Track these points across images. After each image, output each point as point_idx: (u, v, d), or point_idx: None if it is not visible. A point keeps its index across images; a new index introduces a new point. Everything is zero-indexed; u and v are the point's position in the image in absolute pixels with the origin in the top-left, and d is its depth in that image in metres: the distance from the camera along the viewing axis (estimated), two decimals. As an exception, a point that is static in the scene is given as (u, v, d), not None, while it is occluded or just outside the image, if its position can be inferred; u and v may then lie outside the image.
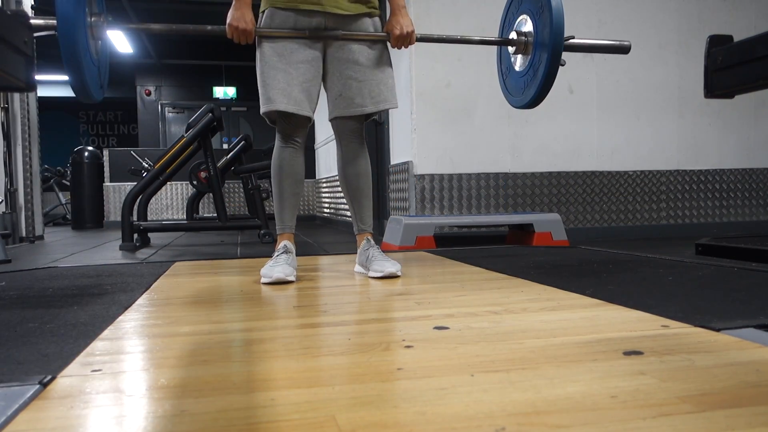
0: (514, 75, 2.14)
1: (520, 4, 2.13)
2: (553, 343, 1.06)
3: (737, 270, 1.93)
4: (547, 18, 1.93)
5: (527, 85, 2.04)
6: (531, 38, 2.04)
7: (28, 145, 4.89)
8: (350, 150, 2.10)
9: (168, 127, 11.04)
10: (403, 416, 0.72)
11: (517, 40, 2.08)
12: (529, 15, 2.06)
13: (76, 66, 1.58)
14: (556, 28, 1.89)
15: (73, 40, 1.56)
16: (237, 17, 1.86)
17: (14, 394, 0.81)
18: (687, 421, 0.69)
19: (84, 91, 1.65)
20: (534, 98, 2.01)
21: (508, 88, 2.22)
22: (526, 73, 2.05)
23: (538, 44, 1.99)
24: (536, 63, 1.99)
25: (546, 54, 1.93)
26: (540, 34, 1.98)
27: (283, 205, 2.07)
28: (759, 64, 1.96)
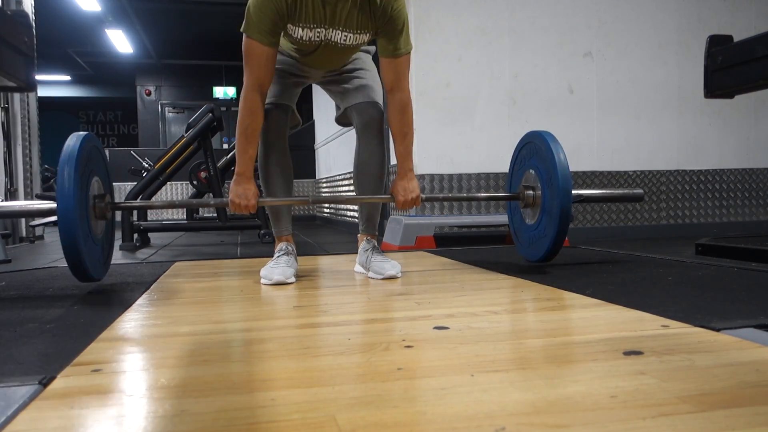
0: (525, 228, 2.12)
1: (527, 159, 2.11)
2: (553, 343, 1.06)
3: (737, 270, 1.92)
4: (554, 179, 1.90)
5: (538, 240, 2.02)
6: (539, 200, 2.01)
7: (28, 145, 4.89)
8: (367, 145, 2.06)
9: (168, 127, 11.04)
10: (403, 416, 0.72)
11: (525, 195, 2.06)
12: (535, 171, 2.04)
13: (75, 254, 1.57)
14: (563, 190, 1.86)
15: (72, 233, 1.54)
16: (240, 194, 1.86)
17: (14, 394, 0.81)
18: (687, 421, 0.69)
19: (84, 274, 1.64)
20: (546, 254, 1.98)
21: (519, 238, 2.20)
22: (536, 229, 2.03)
23: (545, 211, 1.97)
24: (545, 223, 1.97)
25: (554, 216, 1.90)
26: (548, 203, 1.95)
27: (277, 208, 2.07)
28: (759, 64, 1.96)
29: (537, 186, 2.03)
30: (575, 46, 4.14)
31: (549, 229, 1.93)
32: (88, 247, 1.64)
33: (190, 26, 9.57)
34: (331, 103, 2.44)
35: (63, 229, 1.53)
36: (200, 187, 4.95)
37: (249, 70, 1.80)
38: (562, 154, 1.92)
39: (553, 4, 4.09)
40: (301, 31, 1.79)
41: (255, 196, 1.87)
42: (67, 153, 1.59)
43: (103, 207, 1.77)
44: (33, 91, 2.16)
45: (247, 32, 1.76)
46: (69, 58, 11.01)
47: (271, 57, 1.79)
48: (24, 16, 1.68)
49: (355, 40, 1.84)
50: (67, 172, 1.56)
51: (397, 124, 1.95)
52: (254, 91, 1.81)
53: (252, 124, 1.85)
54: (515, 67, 4.04)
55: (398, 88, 1.90)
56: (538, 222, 2.02)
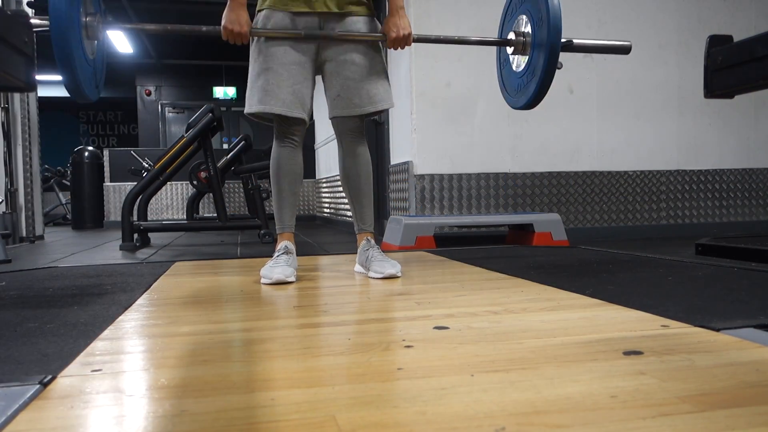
0: (513, 75, 2.14)
1: (519, 5, 2.13)
2: (553, 343, 1.06)
3: (737, 270, 1.93)
4: (544, 18, 1.92)
5: (526, 85, 2.04)
6: (529, 38, 2.04)
7: (28, 145, 4.89)
8: (351, 149, 2.10)
9: (168, 127, 11.04)
10: (403, 416, 0.72)
11: (515, 41, 2.08)
12: (527, 15, 2.06)
13: (68, 65, 1.57)
14: (553, 27, 1.89)
15: (65, 39, 1.54)
16: (231, 19, 1.86)
17: (14, 394, 0.81)
18: (687, 421, 0.69)
19: (77, 90, 1.64)
20: (532, 98, 2.00)
21: (507, 88, 2.22)
22: (525, 74, 2.04)
23: (535, 44, 1.99)
24: (534, 63, 1.99)
25: (543, 54, 1.92)
26: (537, 34, 1.98)
27: (282, 205, 2.07)
28: (759, 64, 1.96)
29: (527, 33, 2.04)
30: (575, 46, 4.13)
31: (537, 69, 1.95)
32: (81, 63, 1.64)
33: (190, 26, 9.57)
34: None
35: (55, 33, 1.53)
36: (200, 187, 4.95)
37: None
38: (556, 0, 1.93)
39: (553, 4, 4.08)
40: None
41: (247, 24, 1.88)
42: None
43: (95, 25, 1.76)
44: (33, 91, 2.16)
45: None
46: (69, 58, 10.98)
47: None
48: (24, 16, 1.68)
49: None
50: None
51: None
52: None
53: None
54: (515, 67, 4.04)
55: None
56: (526, 66, 2.04)
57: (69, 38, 1.55)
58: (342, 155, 2.12)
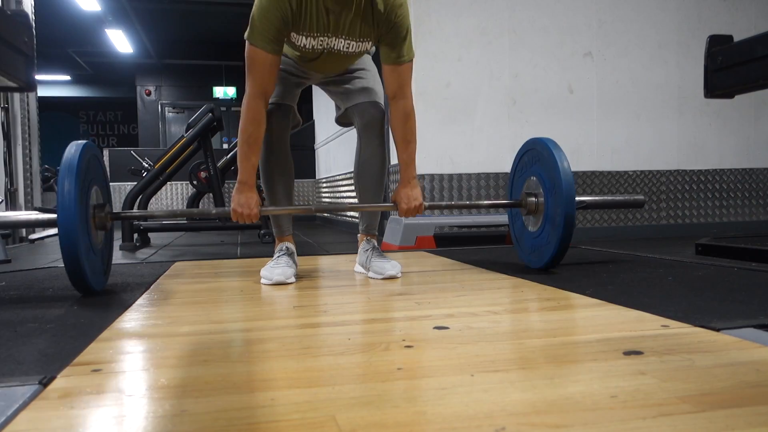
0: (528, 235, 2.10)
1: (529, 167, 2.10)
2: (553, 343, 1.06)
3: (737, 270, 1.92)
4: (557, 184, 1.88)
5: (541, 249, 2.00)
6: (542, 207, 2.00)
7: (28, 145, 4.89)
8: (368, 145, 2.05)
9: (168, 127, 11.04)
10: (403, 416, 0.72)
11: (528, 203, 2.04)
12: (537, 177, 2.03)
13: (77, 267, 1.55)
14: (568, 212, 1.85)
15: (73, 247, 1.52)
16: (242, 203, 1.84)
17: (14, 394, 0.81)
18: (687, 421, 0.69)
19: (84, 286, 1.62)
20: (547, 265, 1.95)
21: (520, 245, 2.17)
22: (538, 237, 2.01)
23: (548, 219, 1.95)
24: (547, 234, 1.95)
25: (557, 236, 1.88)
26: (551, 210, 1.93)
27: (277, 199, 2.05)
28: (759, 64, 1.96)
29: (539, 193, 2.01)
30: (575, 46, 4.14)
31: (552, 237, 1.91)
32: (89, 260, 1.63)
33: (190, 26, 9.58)
34: (331, 104, 2.44)
35: (64, 243, 1.51)
36: (200, 187, 4.95)
37: (252, 78, 1.79)
38: (566, 162, 1.91)
39: (553, 4, 4.09)
40: (305, 40, 1.78)
41: (257, 205, 1.85)
42: (66, 164, 1.56)
43: (103, 217, 1.76)
44: (33, 91, 2.15)
45: (250, 40, 1.75)
46: (69, 58, 11.01)
47: (274, 64, 1.78)
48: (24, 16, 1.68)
49: (358, 48, 1.83)
50: (68, 185, 1.53)
51: (400, 131, 1.94)
52: (257, 98, 1.80)
53: (255, 133, 1.83)
54: (515, 67, 4.04)
55: (401, 95, 1.90)
56: (540, 229, 2.00)
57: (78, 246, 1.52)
58: (358, 152, 2.08)
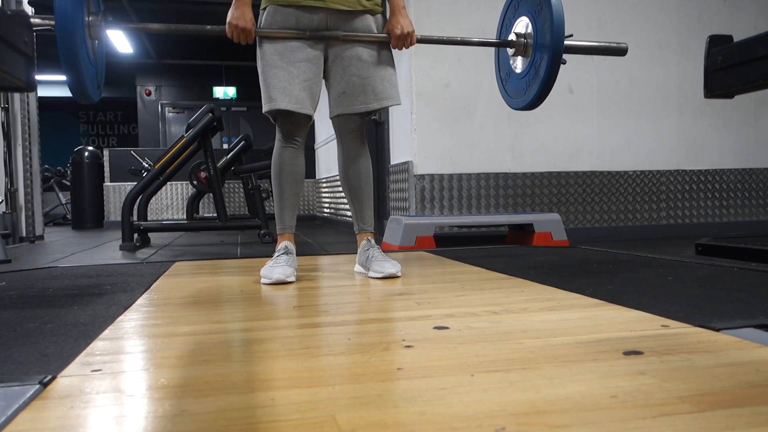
0: (514, 77, 2.13)
1: (518, 6, 2.12)
2: (553, 343, 1.06)
3: (737, 270, 1.93)
4: (547, 17, 1.92)
5: (528, 86, 2.04)
6: (531, 39, 2.03)
7: (28, 145, 4.89)
8: (351, 149, 2.10)
9: (168, 127, 11.04)
10: (403, 416, 0.72)
11: (517, 42, 2.07)
12: (527, 16, 2.05)
13: (73, 65, 1.57)
14: (556, 25, 1.88)
15: (71, 38, 1.55)
16: (237, 16, 1.86)
17: (14, 394, 0.81)
18: (687, 421, 0.69)
19: (81, 91, 1.64)
20: (535, 98, 2.00)
21: (507, 90, 2.21)
22: (527, 74, 2.04)
23: (538, 45, 1.98)
24: (537, 63, 1.98)
25: (547, 54, 1.92)
26: (540, 34, 1.97)
27: (283, 206, 2.07)
28: (759, 64, 1.96)
29: (528, 33, 2.03)
30: (575, 46, 4.14)
31: (540, 70, 1.94)
32: (84, 63, 1.64)
33: (190, 26, 9.56)
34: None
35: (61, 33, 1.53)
36: (200, 187, 4.95)
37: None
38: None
39: (553, 4, 4.08)
40: None
41: (252, 22, 1.87)
42: None
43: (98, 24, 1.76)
44: (33, 91, 2.15)
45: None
46: (69, 58, 10.98)
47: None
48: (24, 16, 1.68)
49: None
50: None
51: None
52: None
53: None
54: (515, 67, 4.04)
55: None
56: (528, 67, 2.03)
57: (74, 38, 1.56)
58: (342, 156, 2.12)
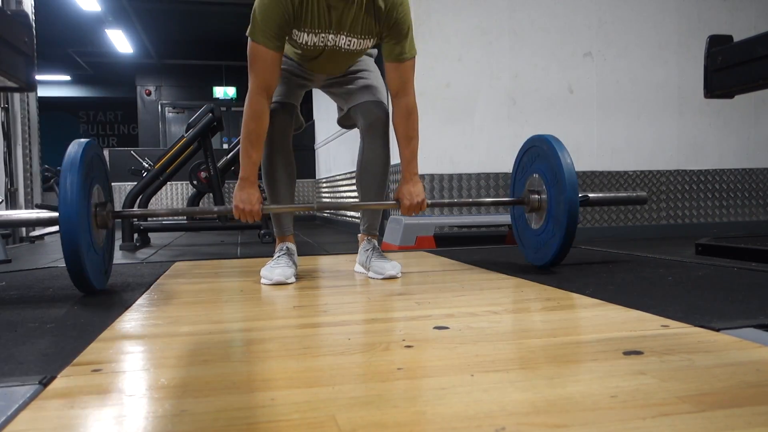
0: (530, 233, 2.10)
1: (530, 164, 2.10)
2: (553, 343, 1.06)
3: (737, 270, 1.92)
4: (560, 179, 1.88)
5: (544, 246, 1.99)
6: (545, 197, 2.00)
7: (28, 145, 4.89)
8: (374, 144, 2.05)
9: (168, 127, 11.04)
10: (403, 416, 0.72)
11: (531, 200, 2.04)
12: (539, 174, 2.03)
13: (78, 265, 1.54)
14: (571, 207, 1.84)
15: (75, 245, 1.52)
16: (243, 199, 1.84)
17: (14, 394, 0.81)
18: (687, 421, 0.69)
19: (85, 284, 1.62)
20: (553, 257, 1.94)
21: (524, 243, 2.17)
22: (543, 232, 2.00)
23: (551, 215, 1.95)
24: (551, 231, 1.95)
25: (561, 232, 1.88)
26: (554, 207, 1.93)
27: (278, 197, 2.05)
28: (759, 64, 1.96)
29: (542, 190, 2.01)
30: (575, 46, 4.14)
31: (556, 233, 1.91)
32: (90, 258, 1.62)
33: (190, 26, 9.57)
34: (331, 104, 2.44)
35: (66, 239, 1.51)
36: (200, 187, 4.95)
37: (254, 74, 1.79)
38: (568, 158, 1.90)
39: (553, 4, 4.09)
40: (306, 37, 1.78)
41: (259, 202, 1.85)
42: (69, 161, 1.57)
43: (105, 216, 1.75)
44: (33, 91, 2.15)
45: (252, 36, 1.75)
46: (69, 58, 11.00)
47: (276, 61, 1.79)
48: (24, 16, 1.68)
49: (360, 45, 1.83)
50: (70, 182, 1.53)
51: (403, 128, 1.94)
52: (260, 95, 1.80)
53: (257, 129, 1.83)
54: (515, 67, 4.04)
55: (404, 92, 1.91)
56: (544, 226, 2.00)
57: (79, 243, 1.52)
58: (363, 153, 2.07)
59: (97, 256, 1.71)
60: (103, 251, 1.79)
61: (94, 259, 1.67)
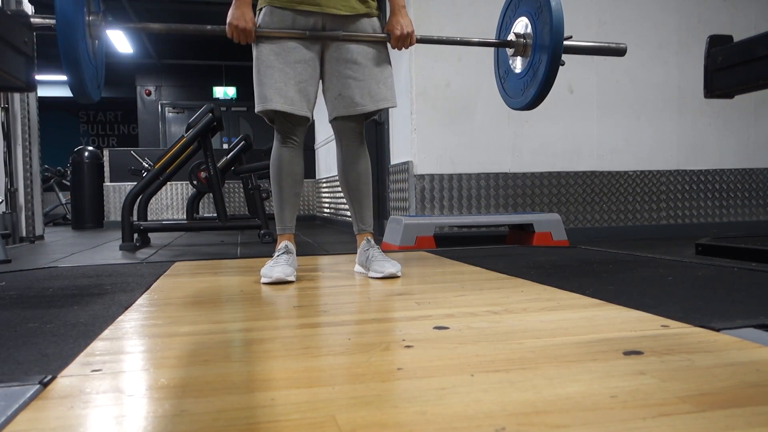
0: (513, 77, 2.13)
1: (518, 6, 2.12)
2: (553, 343, 1.06)
3: (737, 270, 1.92)
4: (546, 18, 1.92)
5: (527, 86, 2.04)
6: (530, 40, 2.04)
7: (28, 145, 4.89)
8: (350, 150, 2.09)
9: (168, 127, 11.03)
10: (403, 416, 0.72)
11: (516, 42, 2.08)
12: (527, 16, 2.06)
13: (74, 65, 1.57)
14: (555, 27, 1.88)
15: (72, 38, 1.55)
16: (237, 16, 1.86)
17: (14, 394, 0.81)
18: (687, 421, 0.69)
19: (82, 90, 1.64)
20: (534, 99, 2.00)
21: (506, 90, 2.21)
22: (525, 74, 2.04)
23: (537, 45, 1.99)
24: (536, 64, 1.98)
25: (546, 54, 1.93)
26: (539, 34, 1.98)
27: (283, 206, 2.07)
28: (759, 64, 1.96)
29: (528, 33, 2.04)
30: (575, 46, 4.14)
31: (539, 70, 1.95)
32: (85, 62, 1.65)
33: (190, 26, 9.57)
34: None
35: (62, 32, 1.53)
36: (200, 187, 4.95)
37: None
38: None
39: (553, 4, 4.08)
40: None
41: (252, 22, 1.88)
42: None
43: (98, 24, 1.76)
44: (33, 91, 2.15)
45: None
46: (69, 58, 10.98)
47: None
48: (24, 16, 1.68)
49: None
50: None
51: None
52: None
53: None
54: (515, 67, 4.04)
55: None
56: (527, 67, 2.04)
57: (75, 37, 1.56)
58: (341, 157, 2.11)
59: (92, 67, 1.74)
60: (96, 62, 1.81)
61: (89, 68, 1.70)
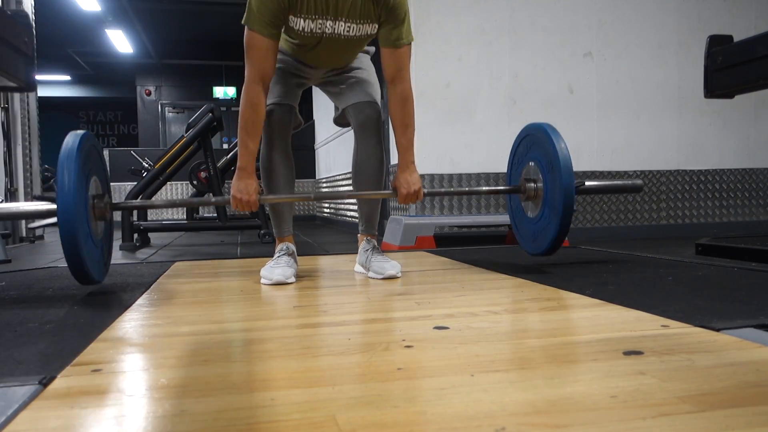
0: (527, 222, 2.10)
1: (526, 153, 2.10)
2: (553, 343, 1.06)
3: (737, 270, 1.92)
4: (555, 166, 1.88)
5: (540, 234, 2.00)
6: (541, 192, 2.00)
7: (28, 145, 4.89)
8: (368, 141, 2.05)
9: (168, 127, 11.04)
10: (403, 416, 0.72)
11: (527, 188, 2.04)
12: (535, 162, 2.02)
13: (76, 255, 1.53)
14: (567, 191, 1.84)
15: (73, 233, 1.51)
16: (241, 189, 1.85)
17: (14, 394, 0.81)
18: (687, 421, 0.69)
19: (84, 276, 1.61)
20: (550, 246, 1.95)
21: (521, 233, 2.17)
22: (537, 222, 2.01)
23: (548, 201, 1.95)
24: (546, 218, 1.95)
25: (556, 217, 1.88)
26: (550, 193, 1.93)
27: (278, 210, 2.06)
28: (759, 64, 1.97)
29: (538, 178, 2.02)
30: (575, 46, 4.14)
31: (552, 221, 1.91)
32: (89, 249, 1.62)
33: (190, 26, 9.57)
34: (330, 103, 2.44)
35: (64, 229, 1.51)
36: (200, 187, 4.95)
37: (250, 63, 1.80)
38: (563, 144, 1.90)
39: (553, 4, 4.08)
40: (303, 23, 1.77)
41: (256, 192, 1.86)
42: (66, 152, 1.57)
43: (103, 207, 1.75)
44: (33, 91, 2.16)
45: (248, 24, 1.76)
46: (69, 58, 11.00)
47: (272, 49, 1.79)
48: (24, 16, 1.68)
49: (359, 31, 1.82)
50: (67, 171, 1.54)
51: (399, 115, 1.94)
52: (256, 83, 1.81)
53: (253, 117, 1.84)
54: (515, 67, 4.04)
55: (399, 79, 1.90)
56: (540, 214, 2.00)
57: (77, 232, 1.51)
58: (357, 148, 2.07)
59: (96, 248, 1.71)
60: (101, 244, 1.79)
61: (93, 250, 1.67)
